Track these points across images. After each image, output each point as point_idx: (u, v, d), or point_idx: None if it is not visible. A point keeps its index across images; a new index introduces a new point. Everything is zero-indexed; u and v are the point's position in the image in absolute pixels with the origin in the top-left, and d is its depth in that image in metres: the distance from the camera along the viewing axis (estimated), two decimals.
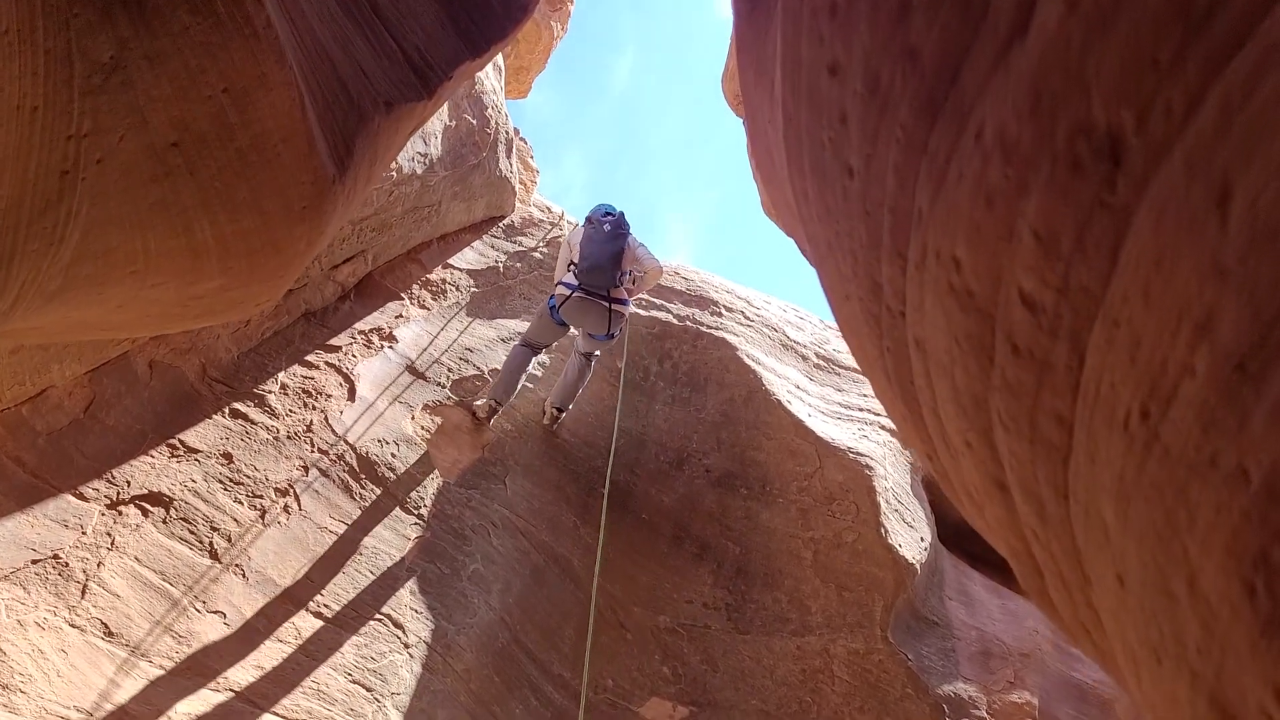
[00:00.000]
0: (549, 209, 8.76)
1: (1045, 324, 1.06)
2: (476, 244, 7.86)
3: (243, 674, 4.49)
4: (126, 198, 2.33)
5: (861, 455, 6.98)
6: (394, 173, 6.21)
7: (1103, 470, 0.99)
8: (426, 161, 6.61)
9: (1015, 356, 1.13)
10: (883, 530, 6.66)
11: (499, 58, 8.33)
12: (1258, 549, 0.73)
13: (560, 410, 6.72)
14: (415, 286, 7.06)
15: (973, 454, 1.31)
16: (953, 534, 7.96)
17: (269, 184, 2.67)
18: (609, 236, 6.51)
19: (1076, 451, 1.07)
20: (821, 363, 8.22)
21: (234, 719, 4.32)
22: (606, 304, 6.43)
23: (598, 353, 6.81)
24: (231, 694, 4.39)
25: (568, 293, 6.44)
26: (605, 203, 7.06)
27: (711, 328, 7.69)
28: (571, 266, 6.59)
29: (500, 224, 8.24)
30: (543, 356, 7.20)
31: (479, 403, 6.49)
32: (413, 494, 5.87)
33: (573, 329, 6.71)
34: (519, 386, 6.60)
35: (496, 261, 7.82)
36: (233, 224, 2.64)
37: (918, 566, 6.67)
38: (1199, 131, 0.84)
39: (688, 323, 7.69)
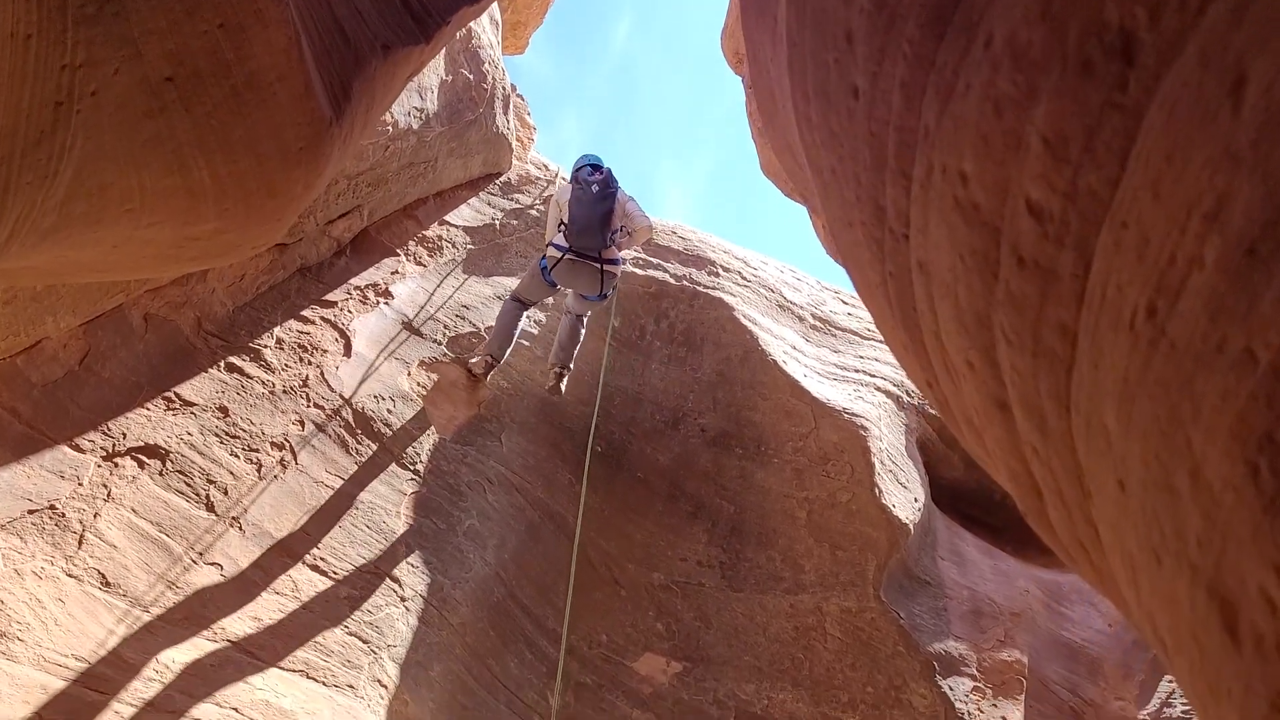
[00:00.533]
0: (546, 166, 8.69)
1: (1052, 232, 1.06)
2: (473, 201, 7.81)
3: (240, 625, 4.51)
4: (121, 132, 2.30)
5: (857, 416, 7.00)
6: (390, 127, 6.16)
7: (1106, 375, 0.99)
8: (423, 116, 6.55)
9: (1020, 269, 1.12)
10: (877, 490, 6.69)
11: (496, 10, 8.23)
12: (1263, 430, 0.73)
13: (562, 371, 6.70)
14: (411, 243, 7.02)
15: (974, 375, 1.31)
16: (946, 495, 8.00)
17: (265, 124, 2.64)
18: (598, 197, 6.44)
19: (1080, 361, 1.07)
20: (818, 324, 8.22)
21: (231, 669, 4.35)
22: (598, 265, 6.40)
23: (589, 315, 6.78)
24: (229, 644, 4.41)
25: (559, 255, 6.40)
26: (591, 154, 6.99)
27: (708, 287, 7.67)
28: (562, 226, 6.53)
29: (497, 181, 8.18)
30: (539, 315, 7.18)
31: (474, 359, 6.48)
32: (409, 450, 5.88)
33: (563, 288, 6.69)
34: (514, 342, 6.59)
35: (493, 219, 7.78)
36: (229, 164, 2.62)
37: (911, 527, 6.72)
38: (1213, 22, 0.83)
39: (684, 282, 7.67)
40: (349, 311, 6.18)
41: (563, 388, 6.76)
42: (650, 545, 6.68)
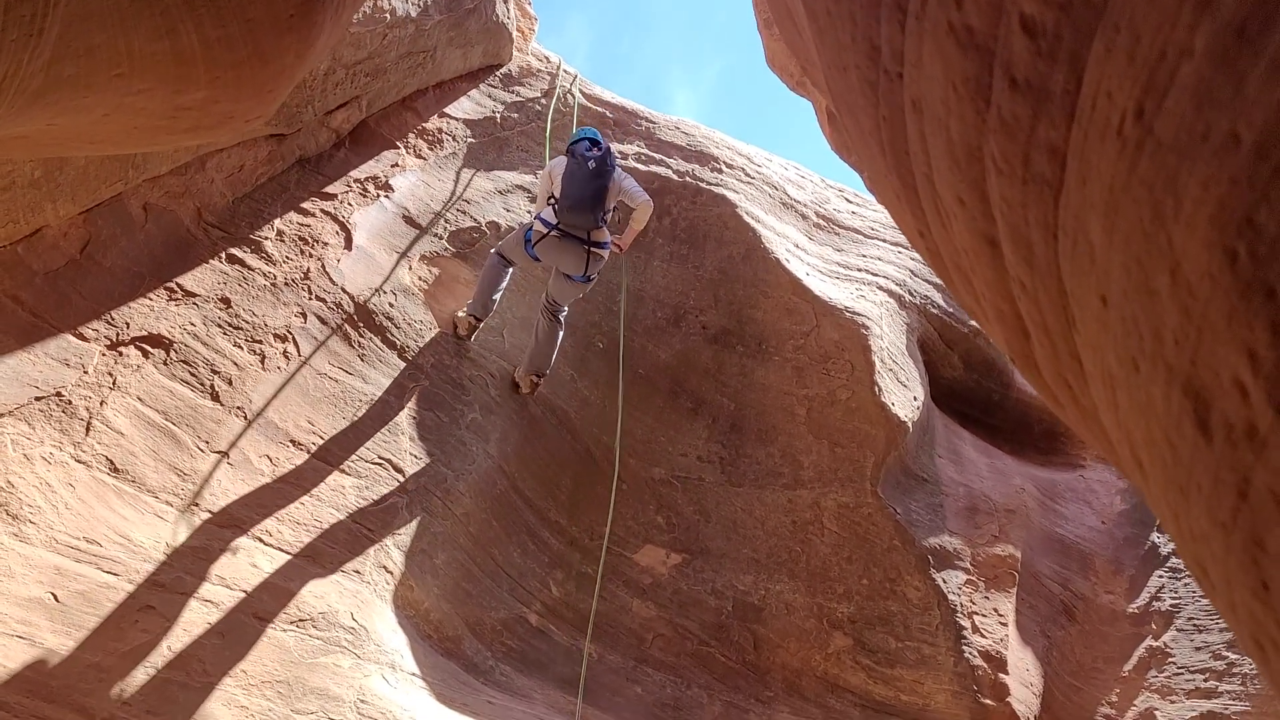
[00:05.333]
0: (547, 58, 8.48)
1: (1045, 48, 1.04)
2: (473, 93, 7.66)
3: (247, 512, 4.60)
4: None
5: (858, 315, 7.00)
6: (387, 15, 6.02)
7: (1093, 188, 0.98)
8: (421, 4, 6.39)
9: (1013, 90, 1.11)
10: (876, 389, 6.73)
11: None
12: (1242, 215, 0.73)
13: (539, 376, 6.36)
14: (411, 135, 6.92)
15: (965, 211, 1.30)
16: (945, 394, 8.05)
17: None
18: (593, 174, 6.02)
19: (1068, 182, 1.06)
20: (821, 222, 8.15)
21: (240, 554, 4.45)
22: (585, 246, 6.07)
23: (565, 311, 6.39)
24: (236, 530, 4.50)
25: (545, 231, 6.03)
26: (589, 128, 6.70)
27: (711, 184, 7.59)
28: (552, 200, 6.13)
29: (497, 73, 8.00)
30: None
31: (460, 315, 6.21)
32: (411, 343, 5.90)
33: (545, 264, 6.32)
34: (496, 304, 6.31)
35: (494, 111, 7.64)
36: (218, 29, 2.56)
37: (909, 425, 6.77)
38: None
39: (687, 179, 7.59)
40: (349, 204, 6.13)
41: (535, 396, 6.48)
42: (651, 440, 6.75)
